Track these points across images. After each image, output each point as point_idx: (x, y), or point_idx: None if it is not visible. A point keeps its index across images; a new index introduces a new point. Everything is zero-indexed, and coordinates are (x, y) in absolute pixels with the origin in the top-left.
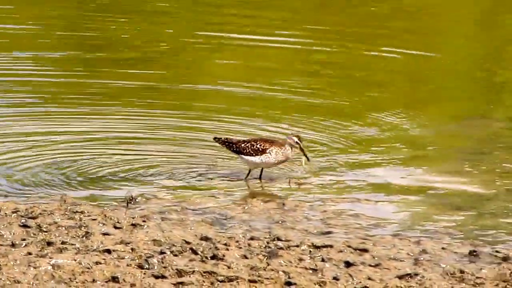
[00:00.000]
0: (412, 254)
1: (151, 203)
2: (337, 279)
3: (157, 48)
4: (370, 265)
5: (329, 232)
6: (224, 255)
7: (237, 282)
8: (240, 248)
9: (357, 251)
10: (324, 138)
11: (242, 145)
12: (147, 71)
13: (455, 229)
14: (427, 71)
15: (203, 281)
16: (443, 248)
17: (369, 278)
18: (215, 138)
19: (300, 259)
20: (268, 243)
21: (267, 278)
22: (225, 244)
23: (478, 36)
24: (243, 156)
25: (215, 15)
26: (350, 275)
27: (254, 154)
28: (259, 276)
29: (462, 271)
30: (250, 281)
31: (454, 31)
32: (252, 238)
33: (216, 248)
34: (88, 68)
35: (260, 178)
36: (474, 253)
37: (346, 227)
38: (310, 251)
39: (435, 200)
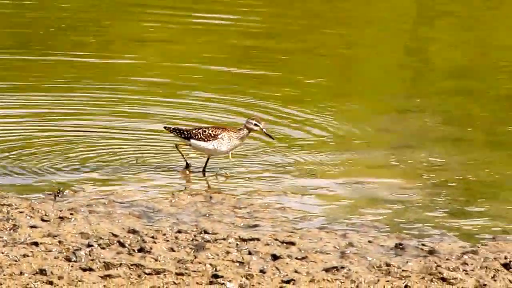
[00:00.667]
0: (338, 247)
1: (79, 196)
2: (264, 272)
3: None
4: (297, 258)
5: (256, 225)
6: (151, 248)
7: (164, 275)
8: (167, 241)
9: (284, 244)
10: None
11: (194, 131)
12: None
13: (381, 223)
14: (355, 64)
15: (130, 274)
16: (369, 241)
17: (296, 271)
18: (165, 127)
19: (227, 252)
20: (195, 236)
21: (194, 271)
22: (152, 237)
23: (407, 31)
24: (194, 141)
25: None
26: (277, 268)
27: (206, 140)
28: (186, 269)
29: (388, 264)
30: (177, 274)
31: (382, 26)
32: (179, 231)
33: (144, 241)
34: None
35: (204, 169)
36: (400, 246)
37: (273, 221)
38: (237, 244)
39: (362, 193)
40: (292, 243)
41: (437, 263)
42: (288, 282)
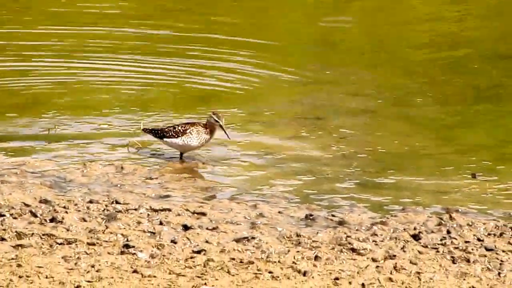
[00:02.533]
0: (249, 218)
1: None
2: (175, 242)
3: None
4: (208, 229)
5: (167, 196)
6: (63, 218)
7: (76, 244)
8: (79, 211)
9: (195, 214)
10: (161, 100)
11: (165, 129)
12: None
13: (292, 194)
14: (264, 32)
15: (42, 244)
16: (279, 212)
17: (207, 241)
18: (144, 130)
19: (139, 222)
20: (106, 206)
21: (106, 241)
22: (64, 207)
23: (322, 5)
24: (166, 139)
25: None
26: (188, 238)
27: (176, 136)
28: (97, 239)
29: (298, 235)
30: (88, 243)
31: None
32: (90, 201)
33: (55, 211)
34: None
35: (181, 158)
36: (311, 217)
37: (184, 191)
38: (148, 215)
39: (272, 164)
40: (203, 214)
41: (347, 234)
42: (199, 252)
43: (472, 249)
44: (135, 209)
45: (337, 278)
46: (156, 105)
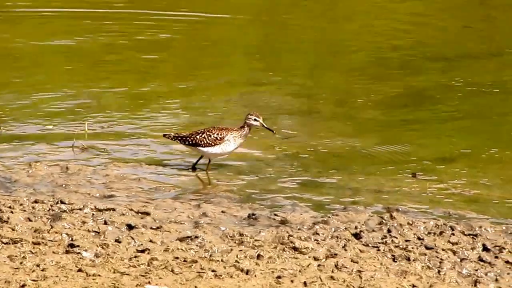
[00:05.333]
0: (192, 217)
1: None
2: (119, 242)
3: None
4: (152, 228)
5: (111, 196)
6: (8, 218)
7: (21, 244)
8: (24, 211)
9: (139, 214)
10: (106, 102)
11: (198, 136)
12: None
13: (235, 193)
14: (207, 32)
15: None
16: (222, 212)
17: (151, 241)
18: (164, 135)
19: (83, 222)
20: (51, 206)
21: (51, 240)
22: (10, 207)
23: (263, 8)
24: (200, 148)
25: None
26: (132, 238)
27: (212, 145)
28: (43, 238)
29: (241, 234)
30: (34, 243)
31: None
32: (36, 201)
33: (1, 211)
34: None
35: (194, 166)
36: (253, 217)
37: (128, 191)
38: (93, 214)
39: (216, 164)
40: (147, 213)
41: (289, 233)
42: (143, 251)
43: (413, 248)
44: (80, 209)
45: (279, 277)
46: (100, 106)
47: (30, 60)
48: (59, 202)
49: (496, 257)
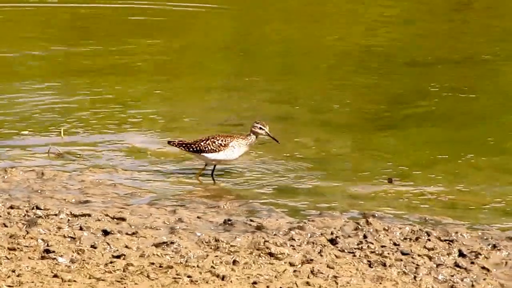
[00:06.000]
0: (168, 223)
1: None
2: (95, 247)
3: None
4: (127, 234)
5: (87, 201)
6: None
7: None
8: (0, 216)
9: (115, 219)
10: (81, 108)
11: (202, 143)
12: None
13: (211, 199)
14: (181, 39)
15: None
16: (198, 217)
17: (126, 246)
18: (169, 142)
19: (59, 228)
20: (27, 211)
21: (26, 246)
22: None
23: (237, 13)
24: (205, 154)
25: None
26: (108, 243)
27: (216, 151)
28: (18, 244)
29: (217, 240)
30: (9, 249)
31: (213, 8)
32: (11, 207)
33: None
34: None
35: (212, 174)
36: (229, 222)
37: (104, 197)
38: (68, 220)
39: (192, 170)
40: (123, 219)
41: (265, 239)
42: (118, 257)
43: (388, 253)
44: (56, 215)
45: (255, 283)
46: (76, 112)
47: (6, 67)
48: (35, 207)
49: (472, 262)
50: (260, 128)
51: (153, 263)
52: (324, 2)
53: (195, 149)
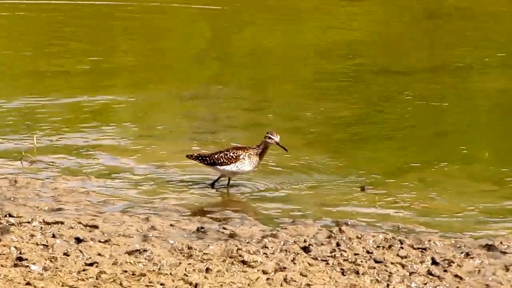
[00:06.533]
0: (141, 231)
1: None
2: (68, 255)
3: None
4: (100, 241)
5: (60, 209)
6: None
7: None
8: None
9: (88, 227)
10: (54, 115)
11: (215, 156)
12: None
13: (184, 207)
14: (155, 51)
15: None
16: (171, 225)
17: (99, 254)
18: (187, 156)
19: (32, 235)
20: (0, 219)
21: None
22: None
23: (209, 20)
24: (218, 166)
25: None
26: (81, 251)
27: (228, 163)
28: None
29: (190, 247)
30: None
31: (186, 15)
32: None
33: None
34: None
35: (228, 186)
36: (202, 230)
37: (77, 204)
38: (41, 228)
39: (164, 178)
40: (96, 227)
41: (238, 246)
42: (91, 264)
43: (362, 261)
44: (28, 222)
45: None
46: (49, 120)
47: None
48: (8, 215)
49: (445, 270)
50: (270, 138)
51: (126, 271)
52: (299, 11)
53: (209, 161)
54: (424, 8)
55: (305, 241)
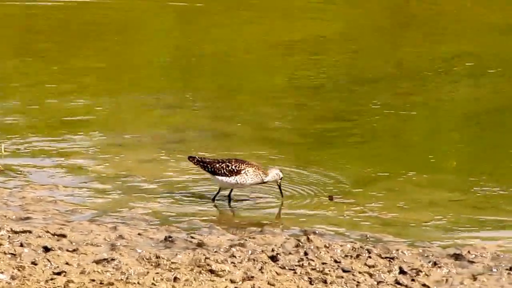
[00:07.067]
0: (109, 240)
1: None
2: (36, 264)
3: None
4: (68, 250)
5: (28, 218)
6: None
7: None
8: None
9: (55, 236)
10: (22, 123)
11: (217, 165)
12: None
13: (151, 216)
14: (126, 61)
15: None
16: (139, 234)
17: (67, 263)
18: (189, 157)
19: None
20: None
21: None
22: None
23: (176, 29)
24: (217, 177)
25: None
26: (48, 260)
27: (229, 175)
28: None
29: (158, 256)
30: None
31: (153, 23)
32: None
33: None
34: None
35: (229, 198)
36: (170, 239)
37: (44, 213)
38: (9, 236)
39: (132, 187)
40: (64, 236)
41: (205, 256)
42: (59, 273)
43: (329, 271)
44: None
45: None
46: (17, 128)
47: None
48: None
49: (413, 280)
50: (277, 174)
51: (93, 280)
52: (267, 19)
53: (210, 169)
54: (392, 16)
55: (273, 250)
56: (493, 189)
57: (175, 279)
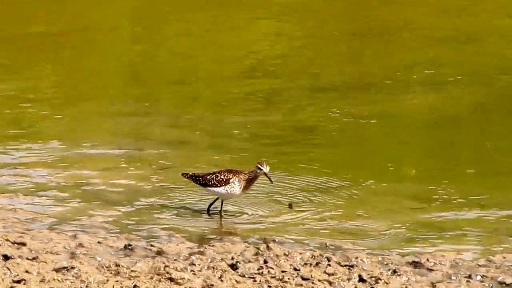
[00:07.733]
0: (68, 248)
1: None
2: None
3: None
4: (28, 259)
5: None
6: None
7: None
8: None
9: (15, 244)
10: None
11: (207, 177)
12: None
13: (111, 224)
14: (84, 64)
15: None
16: (99, 242)
17: (27, 271)
18: (182, 174)
19: None
20: None
21: None
22: None
23: (136, 34)
24: (209, 188)
25: None
26: (8, 268)
27: (218, 185)
28: None
29: (117, 265)
30: None
31: (111, 29)
32: None
33: None
34: None
35: (220, 211)
36: (129, 247)
37: (4, 221)
38: None
39: (92, 195)
40: (23, 244)
41: (165, 264)
42: (19, 282)
43: (289, 279)
44: None
45: None
46: None
47: None
48: None
49: (372, 287)
50: (259, 168)
51: None
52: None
53: (201, 182)
54: (352, 25)
55: (232, 258)
56: (452, 197)
57: (135, 287)
